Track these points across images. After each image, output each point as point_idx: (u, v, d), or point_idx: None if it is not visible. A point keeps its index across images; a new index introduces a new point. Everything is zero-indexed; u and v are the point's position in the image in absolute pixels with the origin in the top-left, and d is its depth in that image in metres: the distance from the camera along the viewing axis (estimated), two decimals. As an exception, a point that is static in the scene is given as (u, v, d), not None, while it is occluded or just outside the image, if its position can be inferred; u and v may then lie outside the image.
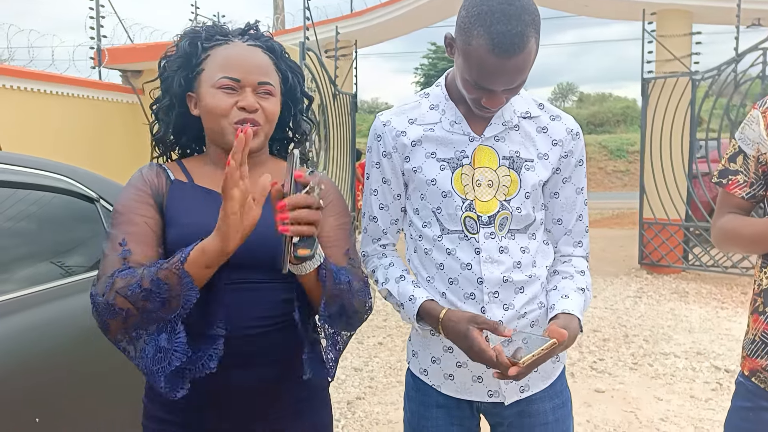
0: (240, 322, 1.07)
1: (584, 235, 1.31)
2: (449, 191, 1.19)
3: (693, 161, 6.45)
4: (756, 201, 1.35)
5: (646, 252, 6.87)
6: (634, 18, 7.48)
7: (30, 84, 5.50)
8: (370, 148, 1.28)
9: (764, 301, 1.30)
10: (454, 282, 1.20)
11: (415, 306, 1.19)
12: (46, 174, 1.73)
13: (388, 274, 1.27)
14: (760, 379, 1.30)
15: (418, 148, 1.22)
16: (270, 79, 1.12)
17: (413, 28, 9.89)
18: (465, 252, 1.19)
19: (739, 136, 1.34)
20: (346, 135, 7.48)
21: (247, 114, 1.09)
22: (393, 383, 3.60)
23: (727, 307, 5.25)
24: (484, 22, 1.01)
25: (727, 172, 1.37)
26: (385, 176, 1.26)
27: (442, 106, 1.23)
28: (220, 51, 1.12)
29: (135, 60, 6.56)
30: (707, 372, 3.70)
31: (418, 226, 1.25)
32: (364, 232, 1.33)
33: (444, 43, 1.15)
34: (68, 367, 1.55)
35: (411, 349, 1.33)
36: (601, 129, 26.36)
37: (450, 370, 1.24)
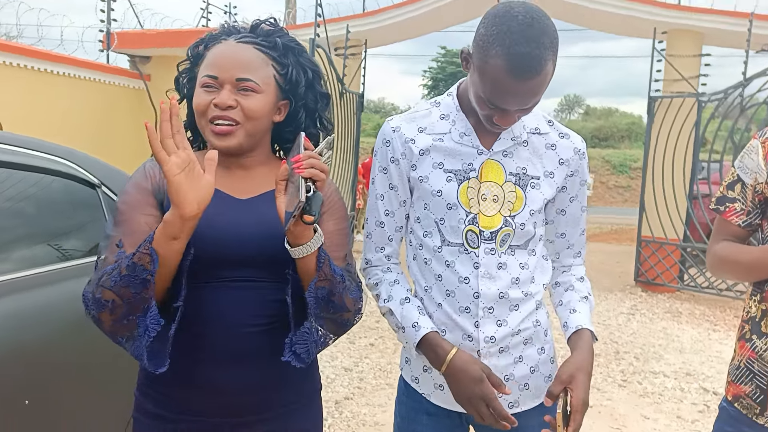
0: (233, 320, 1.07)
1: (583, 246, 1.36)
2: (454, 203, 1.19)
3: (694, 182, 6.46)
4: (752, 229, 1.36)
5: (642, 270, 6.88)
6: (644, 35, 7.49)
7: (37, 63, 5.49)
8: (377, 152, 1.27)
9: (751, 329, 1.31)
10: (451, 294, 1.21)
11: (418, 335, 1.17)
12: (46, 156, 1.72)
13: (392, 292, 1.24)
14: (742, 405, 1.30)
15: (426, 158, 1.21)
16: (253, 75, 1.10)
17: (424, 31, 9.89)
18: (464, 265, 1.19)
19: (738, 165, 1.35)
20: (350, 134, 7.49)
21: (219, 111, 1.08)
22: (382, 385, 3.60)
23: (719, 329, 5.25)
24: (503, 42, 1.00)
25: (725, 199, 1.37)
26: (392, 182, 1.25)
27: (452, 116, 1.23)
28: (211, 51, 1.13)
29: (144, 46, 6.55)
30: (695, 393, 3.71)
31: (419, 234, 1.24)
32: (368, 238, 1.29)
33: (460, 57, 1.15)
34: (61, 352, 1.55)
35: (404, 356, 1.34)
36: (605, 143, 26.39)
37: (440, 380, 1.23)
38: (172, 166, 0.92)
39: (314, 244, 1.01)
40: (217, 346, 1.07)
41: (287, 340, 1.06)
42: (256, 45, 1.13)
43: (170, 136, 0.93)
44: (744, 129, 6.19)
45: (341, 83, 6.90)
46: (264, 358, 1.10)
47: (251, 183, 1.16)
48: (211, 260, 1.07)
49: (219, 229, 1.08)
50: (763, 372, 1.26)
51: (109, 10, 6.66)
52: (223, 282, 1.08)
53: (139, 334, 1.00)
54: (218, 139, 1.10)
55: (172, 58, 6.45)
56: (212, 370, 1.08)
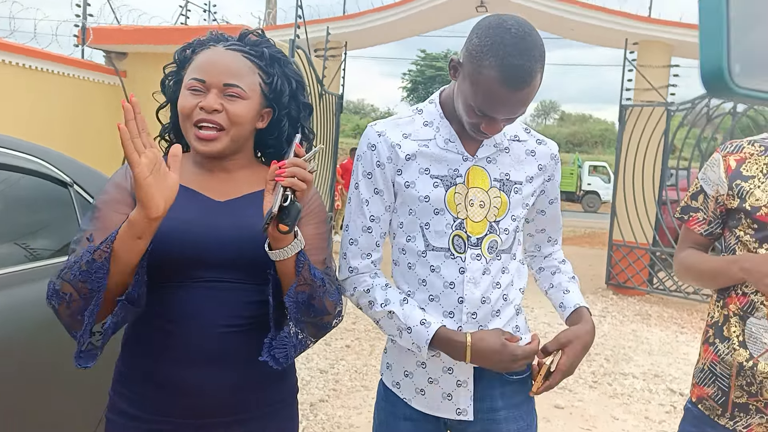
0: (208, 320, 1.08)
1: (560, 233, 1.44)
2: (442, 209, 1.20)
3: (663, 188, 6.64)
4: (714, 238, 1.42)
5: (614, 273, 7.03)
6: (617, 45, 7.67)
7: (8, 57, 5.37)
8: (361, 156, 1.25)
9: (714, 333, 1.37)
10: (434, 299, 1.22)
11: (430, 331, 1.16)
12: (16, 154, 1.69)
13: (388, 296, 1.22)
14: (705, 407, 1.36)
15: (412, 163, 1.22)
16: (239, 81, 1.12)
17: (404, 35, 9.95)
18: (449, 270, 1.20)
19: (701, 176, 1.41)
20: (329, 135, 7.49)
21: (205, 114, 1.09)
22: (357, 387, 3.61)
23: (686, 332, 5.40)
24: (497, 53, 1.03)
25: (688, 208, 1.44)
26: (377, 186, 1.23)
27: (436, 123, 1.24)
28: (199, 55, 1.15)
29: (120, 42, 6.45)
30: (663, 394, 3.81)
31: (402, 240, 1.25)
32: (352, 244, 1.25)
33: (448, 65, 1.17)
34: (28, 353, 1.53)
35: (386, 361, 1.34)
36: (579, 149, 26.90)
37: (422, 385, 1.25)
38: (143, 168, 0.93)
39: (293, 249, 1.03)
40: (192, 346, 1.08)
41: (266, 341, 1.07)
42: (244, 53, 1.15)
43: (137, 135, 0.94)
44: (710, 137, 6.39)
45: (321, 84, 6.90)
46: (241, 359, 1.10)
47: (232, 185, 1.17)
48: (189, 262, 1.08)
49: (197, 231, 1.09)
50: (725, 374, 1.32)
51: (85, 5, 6.54)
52: (198, 282, 1.09)
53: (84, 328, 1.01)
54: (202, 144, 1.11)
55: (149, 55, 6.37)
56: (187, 370, 1.08)
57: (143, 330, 1.12)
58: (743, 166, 1.32)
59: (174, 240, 1.06)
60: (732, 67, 0.28)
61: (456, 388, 1.23)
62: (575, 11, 7.65)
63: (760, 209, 1.27)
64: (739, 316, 1.30)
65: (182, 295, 1.08)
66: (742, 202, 1.30)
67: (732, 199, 1.33)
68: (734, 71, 0.28)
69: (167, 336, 1.08)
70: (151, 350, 1.10)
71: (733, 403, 1.31)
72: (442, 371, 1.23)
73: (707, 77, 0.29)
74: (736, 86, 0.29)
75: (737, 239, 1.33)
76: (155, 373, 1.09)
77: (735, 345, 1.30)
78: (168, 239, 1.05)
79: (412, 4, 8.52)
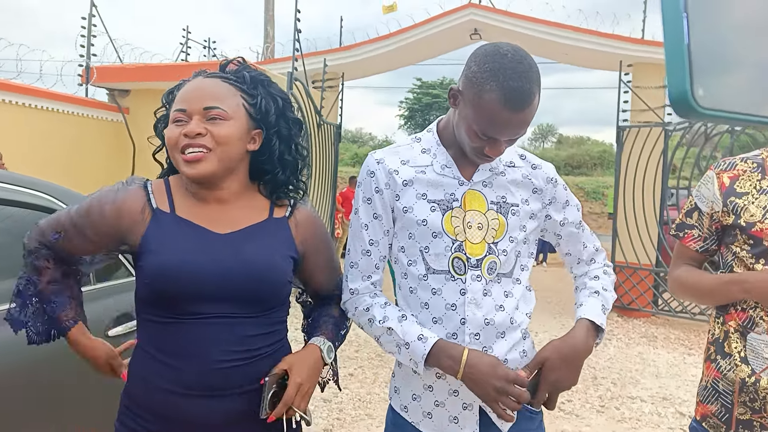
0: (211, 357, 1.09)
1: (596, 253, 1.40)
2: (439, 232, 1.22)
3: (664, 208, 6.65)
4: (709, 254, 1.43)
5: (617, 295, 6.98)
6: (612, 68, 7.78)
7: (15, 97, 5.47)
8: (362, 183, 1.29)
9: (716, 350, 1.37)
10: (438, 321, 1.23)
11: (427, 345, 1.17)
12: (24, 190, 1.72)
13: (386, 313, 1.24)
14: (709, 424, 1.36)
15: (409, 189, 1.25)
16: (220, 103, 1.12)
17: (399, 65, 10.12)
18: (451, 292, 1.22)
19: (696, 194, 1.43)
20: (328, 164, 7.56)
21: (189, 140, 1.11)
22: (362, 416, 3.57)
23: (693, 353, 5.34)
24: (497, 78, 1.08)
25: (683, 225, 1.46)
26: (376, 212, 1.27)
27: (433, 150, 1.28)
28: (180, 89, 1.17)
29: (123, 80, 6.58)
30: (672, 418, 3.76)
31: (404, 263, 1.27)
32: (353, 267, 1.30)
33: (448, 94, 1.21)
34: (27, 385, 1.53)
35: (394, 384, 1.34)
36: (578, 171, 26.96)
37: (429, 408, 1.25)
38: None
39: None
40: (194, 381, 1.09)
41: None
42: (223, 79, 1.17)
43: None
44: (710, 156, 6.43)
45: (319, 115, 7.00)
46: (243, 389, 1.11)
47: (230, 216, 1.17)
48: (188, 296, 1.08)
49: (196, 265, 1.09)
50: (728, 391, 1.32)
51: (89, 45, 6.69)
52: (201, 318, 1.09)
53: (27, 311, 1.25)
54: (190, 167, 1.11)
55: (151, 91, 6.49)
56: (189, 402, 1.09)
57: (145, 365, 1.13)
58: (737, 182, 1.35)
59: (172, 274, 1.07)
60: (695, 91, 0.32)
61: (462, 411, 1.23)
62: (569, 36, 7.79)
63: (755, 225, 1.29)
64: (740, 332, 1.31)
65: (183, 332, 1.09)
66: (737, 218, 1.32)
67: (727, 215, 1.35)
68: (698, 94, 0.32)
69: (169, 371, 1.09)
70: (153, 385, 1.11)
71: (736, 420, 1.30)
72: (448, 394, 1.23)
73: (674, 101, 0.33)
74: (700, 108, 0.32)
75: (734, 255, 1.35)
76: (158, 405, 1.10)
77: (737, 361, 1.31)
78: (167, 273, 1.07)
79: (406, 34, 8.69)
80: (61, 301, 1.24)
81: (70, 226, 1.17)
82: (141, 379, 1.13)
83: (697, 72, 0.31)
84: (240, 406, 1.11)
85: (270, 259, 1.15)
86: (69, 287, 1.26)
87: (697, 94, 0.32)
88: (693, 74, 0.31)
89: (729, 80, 0.33)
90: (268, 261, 1.15)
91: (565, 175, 26.21)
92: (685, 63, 0.31)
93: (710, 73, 0.32)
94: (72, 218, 1.17)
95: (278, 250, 1.18)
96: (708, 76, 0.32)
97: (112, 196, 1.15)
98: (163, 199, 1.16)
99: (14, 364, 1.47)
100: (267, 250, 1.16)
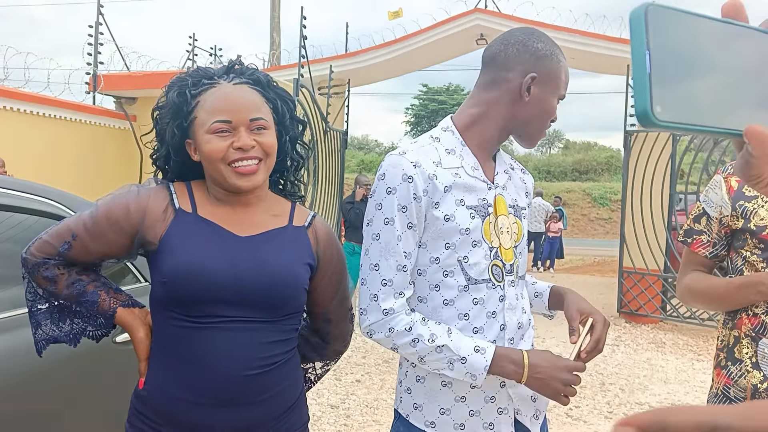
0: (229, 367, 1.08)
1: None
2: (479, 240, 1.18)
3: (672, 213, 6.61)
4: (718, 260, 1.42)
5: (625, 300, 6.95)
6: (619, 72, 7.77)
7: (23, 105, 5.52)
8: (394, 189, 1.15)
9: (726, 356, 1.36)
10: (479, 331, 1.19)
11: (488, 356, 1.13)
12: (32, 197, 1.73)
13: (432, 330, 1.14)
14: None
15: (449, 195, 1.17)
16: (261, 113, 1.13)
17: (405, 71, 10.15)
18: (492, 300, 1.20)
19: (704, 199, 1.42)
20: (334, 171, 7.57)
21: (243, 153, 1.10)
22: (369, 422, 3.56)
23: (702, 359, 5.30)
24: (554, 45, 1.22)
25: (692, 231, 1.44)
26: (411, 221, 1.15)
27: (458, 151, 1.21)
28: (209, 95, 1.12)
29: (130, 87, 6.64)
30: (682, 424, 3.72)
31: (437, 276, 1.18)
32: (386, 285, 1.15)
33: (523, 88, 1.18)
34: (41, 391, 1.54)
35: (412, 402, 1.23)
36: (585, 177, 26.87)
37: (461, 419, 1.20)
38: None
39: None
40: (213, 390, 1.08)
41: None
42: (249, 85, 1.16)
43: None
44: (718, 161, 6.39)
45: (325, 122, 7.02)
46: (257, 399, 1.11)
47: (251, 220, 1.16)
48: (208, 297, 1.07)
49: (217, 265, 1.08)
50: (739, 398, 1.30)
51: (96, 53, 6.75)
52: (219, 324, 1.08)
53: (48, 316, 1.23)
54: (244, 180, 1.10)
55: (158, 98, 6.53)
56: (201, 411, 1.08)
57: (159, 370, 1.13)
58: (745, 186, 1.34)
59: (190, 274, 1.06)
60: (654, 108, 0.42)
61: (498, 416, 1.21)
62: (576, 40, 7.79)
63: (765, 228, 1.28)
64: (751, 337, 1.29)
65: (200, 338, 1.08)
66: (746, 222, 1.31)
67: (736, 219, 1.33)
68: (656, 111, 0.42)
69: (183, 377, 1.09)
70: (166, 390, 1.10)
71: None
72: (484, 401, 1.20)
73: (639, 116, 0.42)
74: (658, 121, 0.42)
75: (744, 260, 1.33)
76: (169, 409, 1.10)
77: (748, 367, 1.29)
78: (185, 272, 1.06)
79: (412, 40, 8.72)
80: (91, 293, 1.18)
81: (84, 231, 1.13)
82: (154, 385, 1.13)
83: (656, 93, 0.42)
84: (253, 415, 1.11)
85: (288, 264, 1.15)
86: (91, 280, 1.20)
87: (656, 110, 0.41)
88: (653, 96, 0.41)
89: (681, 99, 0.42)
90: (287, 266, 1.14)
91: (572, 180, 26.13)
92: (646, 88, 0.41)
93: (667, 92, 0.42)
94: (85, 224, 1.13)
95: (297, 256, 1.17)
96: (665, 95, 0.42)
97: (133, 195, 1.14)
98: (185, 199, 1.15)
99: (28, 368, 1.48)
100: (286, 255, 1.15)
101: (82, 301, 1.18)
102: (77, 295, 1.18)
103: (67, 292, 1.17)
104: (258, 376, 1.10)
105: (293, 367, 1.19)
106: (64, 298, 1.18)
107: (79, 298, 1.18)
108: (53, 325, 1.20)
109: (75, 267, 1.18)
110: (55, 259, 1.15)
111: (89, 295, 1.18)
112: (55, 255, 1.15)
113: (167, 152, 1.18)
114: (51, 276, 1.16)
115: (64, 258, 1.15)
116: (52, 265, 1.16)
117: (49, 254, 1.15)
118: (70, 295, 1.18)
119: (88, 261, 1.17)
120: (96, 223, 1.12)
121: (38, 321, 1.21)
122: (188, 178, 1.21)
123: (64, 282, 1.17)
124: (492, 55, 1.21)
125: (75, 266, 1.19)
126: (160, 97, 1.19)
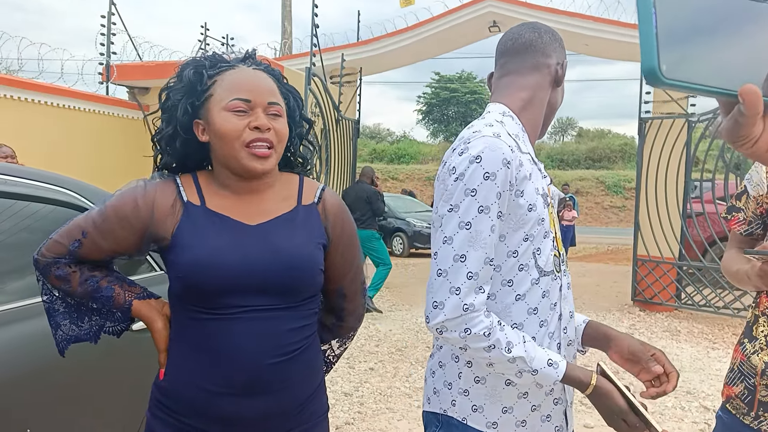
0: (251, 357, 1.08)
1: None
2: (549, 230, 1.16)
3: (687, 201, 6.53)
4: (754, 238, 1.42)
5: (639, 289, 6.90)
6: (633, 59, 7.66)
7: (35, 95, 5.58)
8: (493, 175, 1.05)
9: (744, 333, 1.36)
10: (543, 324, 1.16)
11: (559, 372, 1.10)
12: (47, 186, 1.74)
13: (509, 338, 1.08)
14: (733, 406, 1.35)
15: (530, 183, 1.11)
16: (278, 99, 1.14)
17: (417, 59, 10.08)
18: (555, 291, 1.18)
19: (747, 177, 1.43)
20: (347, 160, 7.57)
21: (260, 133, 1.09)
22: (383, 410, 3.58)
23: (717, 347, 5.25)
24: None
25: (732, 208, 1.46)
26: (501, 210, 1.08)
27: (521, 138, 1.17)
28: (228, 75, 1.13)
29: (143, 77, 6.66)
30: (696, 412, 3.70)
31: (513, 270, 1.12)
32: (471, 278, 1.06)
33: (556, 76, 1.22)
34: (58, 379, 1.56)
35: (470, 405, 1.17)
36: (599, 165, 26.63)
37: (524, 416, 1.18)
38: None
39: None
40: (235, 380, 1.08)
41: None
42: (266, 72, 1.18)
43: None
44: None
45: (337, 110, 7.01)
46: (279, 386, 1.11)
47: (260, 208, 1.16)
48: (222, 289, 1.08)
49: (231, 256, 1.09)
50: (751, 373, 1.30)
51: (108, 43, 6.78)
52: (237, 314, 1.08)
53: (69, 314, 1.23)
54: (259, 162, 1.10)
55: (170, 88, 6.55)
56: (224, 399, 1.09)
57: (180, 359, 1.13)
58: None
59: (205, 268, 1.07)
60: (661, 66, 0.43)
61: (553, 407, 1.20)
62: (589, 26, 7.68)
63: None
64: (767, 315, 1.29)
65: (220, 330, 1.08)
66: None
67: None
68: (663, 69, 0.43)
69: (204, 369, 1.09)
70: (188, 379, 1.11)
71: (759, 402, 1.29)
72: (544, 395, 1.19)
73: (645, 74, 0.44)
74: (665, 78, 0.43)
75: None
76: (192, 400, 1.10)
77: (763, 344, 1.29)
78: (200, 267, 1.07)
79: (424, 28, 8.65)
80: (106, 288, 1.19)
81: (93, 229, 1.13)
82: (175, 376, 1.13)
83: (662, 52, 0.43)
84: (274, 401, 1.11)
85: (301, 247, 1.14)
86: (104, 276, 1.20)
87: (662, 68, 0.43)
88: (659, 54, 0.42)
89: (686, 58, 0.44)
90: (300, 249, 1.14)
91: (586, 168, 25.91)
92: (653, 46, 0.42)
93: (672, 52, 0.43)
94: (95, 221, 1.13)
95: (309, 237, 1.16)
96: (670, 54, 0.43)
97: (141, 191, 1.14)
98: (192, 192, 1.15)
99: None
100: (298, 239, 1.15)
101: (97, 297, 1.18)
102: (92, 291, 1.18)
103: (81, 290, 1.17)
104: (279, 364, 1.10)
105: (314, 353, 1.20)
106: (79, 296, 1.18)
107: (93, 294, 1.18)
108: (72, 324, 1.21)
109: (86, 264, 1.19)
110: (66, 258, 1.16)
111: (104, 291, 1.18)
112: (65, 254, 1.15)
113: (174, 131, 1.16)
114: (63, 275, 1.16)
115: (74, 256, 1.16)
116: (63, 264, 1.16)
117: (60, 253, 1.15)
118: (85, 293, 1.18)
119: (99, 259, 1.18)
120: (105, 220, 1.12)
121: (57, 322, 1.20)
122: (188, 163, 1.21)
123: (78, 280, 1.17)
124: (529, 41, 1.21)
125: (86, 264, 1.19)
126: (171, 77, 1.18)
